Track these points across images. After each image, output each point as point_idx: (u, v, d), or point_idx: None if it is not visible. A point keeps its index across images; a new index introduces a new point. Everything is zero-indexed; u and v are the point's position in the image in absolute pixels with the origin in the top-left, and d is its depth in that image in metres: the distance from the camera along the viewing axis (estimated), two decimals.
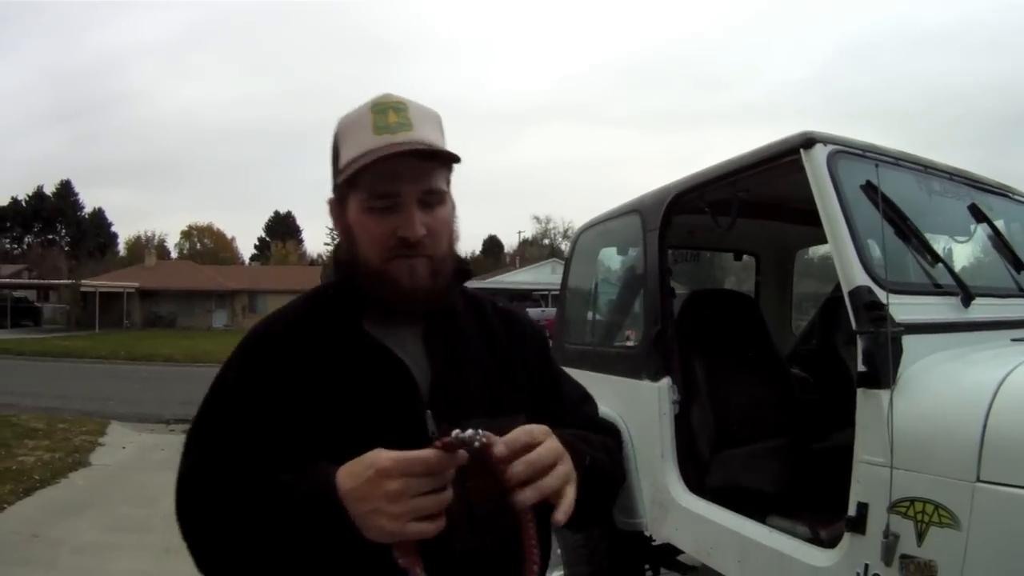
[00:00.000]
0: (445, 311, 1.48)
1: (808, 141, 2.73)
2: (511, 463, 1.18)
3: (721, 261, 6.01)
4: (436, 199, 1.41)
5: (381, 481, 1.13)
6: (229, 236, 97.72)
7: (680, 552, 3.73)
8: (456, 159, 1.42)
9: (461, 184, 1.49)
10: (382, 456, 1.15)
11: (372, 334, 1.41)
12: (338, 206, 1.47)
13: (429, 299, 1.42)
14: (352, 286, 1.43)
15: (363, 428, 1.29)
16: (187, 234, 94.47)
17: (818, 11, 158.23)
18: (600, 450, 1.51)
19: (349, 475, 1.18)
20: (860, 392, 2.40)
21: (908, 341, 2.37)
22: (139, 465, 8.62)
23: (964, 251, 3.36)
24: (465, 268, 1.56)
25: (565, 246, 65.27)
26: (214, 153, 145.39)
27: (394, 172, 1.35)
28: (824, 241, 4.34)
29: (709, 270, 5.97)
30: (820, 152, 2.71)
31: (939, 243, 2.96)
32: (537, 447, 1.21)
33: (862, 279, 2.47)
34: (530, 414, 1.40)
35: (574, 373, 4.68)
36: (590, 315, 5.03)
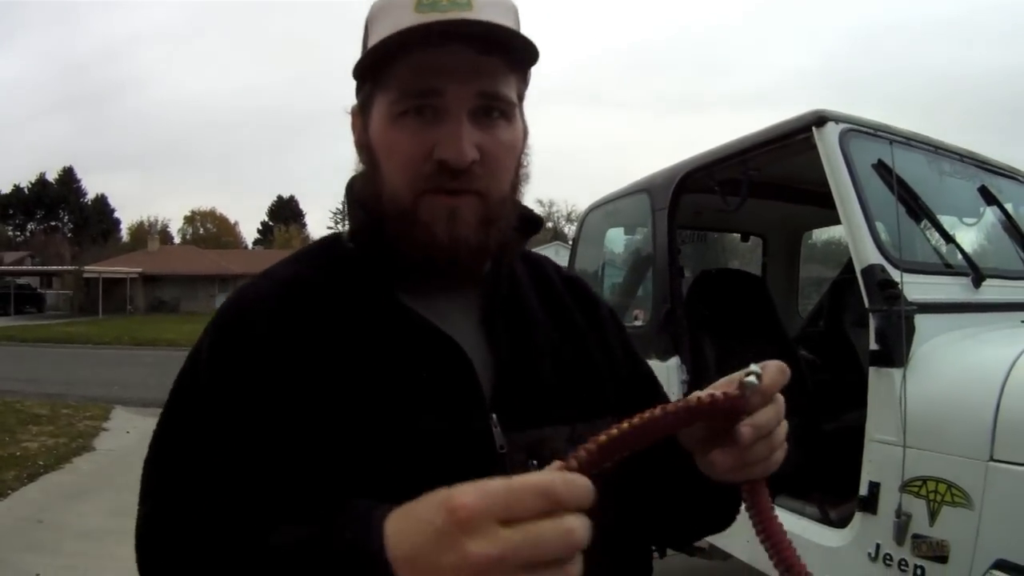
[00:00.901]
0: (507, 278, 1.09)
1: (820, 119, 2.72)
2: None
3: (724, 243, 6.00)
4: (499, 111, 0.99)
5: (459, 538, 0.60)
6: (232, 221, 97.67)
7: None
8: (535, 53, 0.99)
9: None
10: (459, 492, 0.62)
11: (412, 308, 1.00)
12: (360, 116, 1.05)
13: (475, 258, 1.00)
14: (377, 235, 1.01)
15: (401, 442, 0.89)
16: (190, 219, 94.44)
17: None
18: None
19: (406, 525, 0.67)
20: (872, 371, 2.39)
21: (920, 320, 2.36)
22: (143, 450, 8.23)
23: (973, 233, 3.34)
24: (534, 219, 1.12)
25: (568, 229, 65.42)
26: (217, 138, 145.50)
27: (438, 64, 0.94)
28: (833, 222, 4.36)
29: (713, 252, 5.96)
30: (832, 130, 2.69)
31: (948, 224, 2.95)
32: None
33: (875, 257, 2.46)
34: (618, 417, 0.99)
35: None
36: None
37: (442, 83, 0.95)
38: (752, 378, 0.81)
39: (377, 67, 0.98)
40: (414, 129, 0.96)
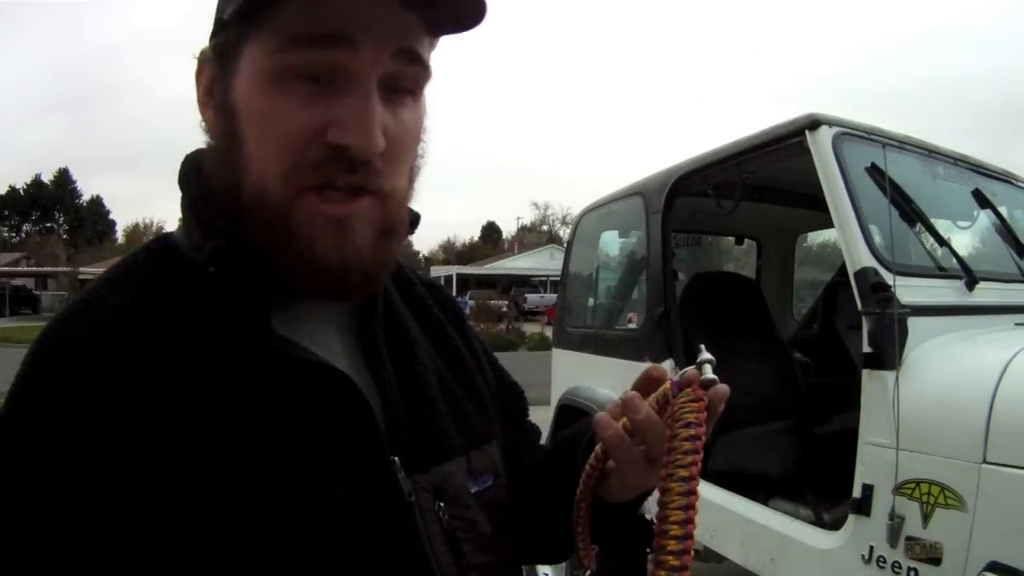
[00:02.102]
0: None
1: (813, 123, 2.72)
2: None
3: (719, 246, 6.01)
4: (411, 82, 0.77)
5: None
6: None
7: None
8: (482, 10, 0.75)
9: (457, 170, 0.86)
10: None
11: (289, 339, 0.78)
12: (216, 66, 0.77)
13: (370, 282, 0.80)
14: (242, 242, 0.75)
15: (304, 517, 0.71)
16: None
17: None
18: None
19: None
20: (865, 373, 2.39)
21: (913, 323, 2.36)
22: None
23: (967, 236, 3.35)
24: (414, 218, 0.87)
25: (564, 232, 65.51)
26: None
27: (352, 6, 0.69)
28: (827, 225, 4.37)
29: (707, 255, 5.96)
30: (825, 134, 2.69)
31: (942, 227, 2.95)
32: None
33: (868, 260, 2.46)
34: (501, 437, 0.99)
35: (577, 356, 4.68)
36: (591, 298, 5.02)
37: (354, 29, 0.69)
38: (709, 369, 0.75)
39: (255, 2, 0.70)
40: (304, 97, 0.71)
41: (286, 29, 0.70)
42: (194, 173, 0.83)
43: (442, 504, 0.83)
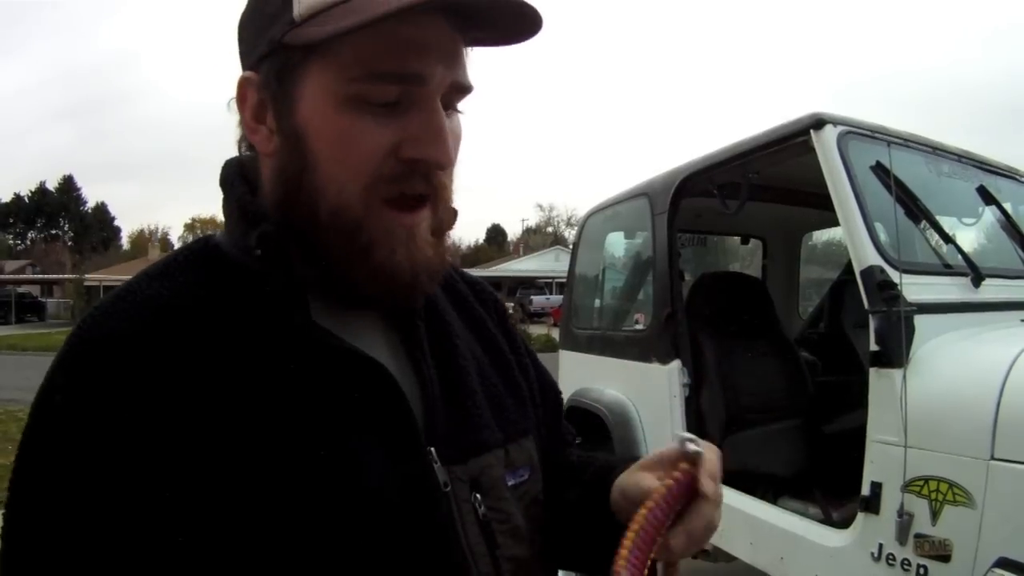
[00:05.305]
0: None
1: (818, 122, 2.72)
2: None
3: (724, 246, 6.00)
4: (457, 102, 0.83)
5: None
6: None
7: None
8: (538, 23, 0.80)
9: (461, 172, 0.90)
10: None
11: (328, 329, 0.79)
12: (270, 92, 0.79)
13: (433, 283, 0.85)
14: (292, 244, 0.79)
15: (342, 508, 0.73)
16: (190, 227, 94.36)
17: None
18: None
19: None
20: (873, 372, 2.40)
21: (920, 320, 2.37)
22: None
23: (972, 233, 3.35)
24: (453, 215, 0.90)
25: (569, 234, 65.40)
26: (218, 145, 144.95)
27: (419, 39, 0.74)
28: (832, 224, 4.38)
29: (712, 255, 5.96)
30: (830, 133, 2.70)
31: (948, 224, 2.95)
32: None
33: (874, 259, 2.47)
34: (539, 433, 1.02)
35: (584, 358, 4.67)
36: (598, 299, 5.02)
37: (427, 67, 0.75)
38: (692, 445, 0.80)
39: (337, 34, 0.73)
40: (377, 118, 0.75)
41: (360, 61, 0.74)
42: (236, 176, 0.87)
43: (478, 496, 0.85)
